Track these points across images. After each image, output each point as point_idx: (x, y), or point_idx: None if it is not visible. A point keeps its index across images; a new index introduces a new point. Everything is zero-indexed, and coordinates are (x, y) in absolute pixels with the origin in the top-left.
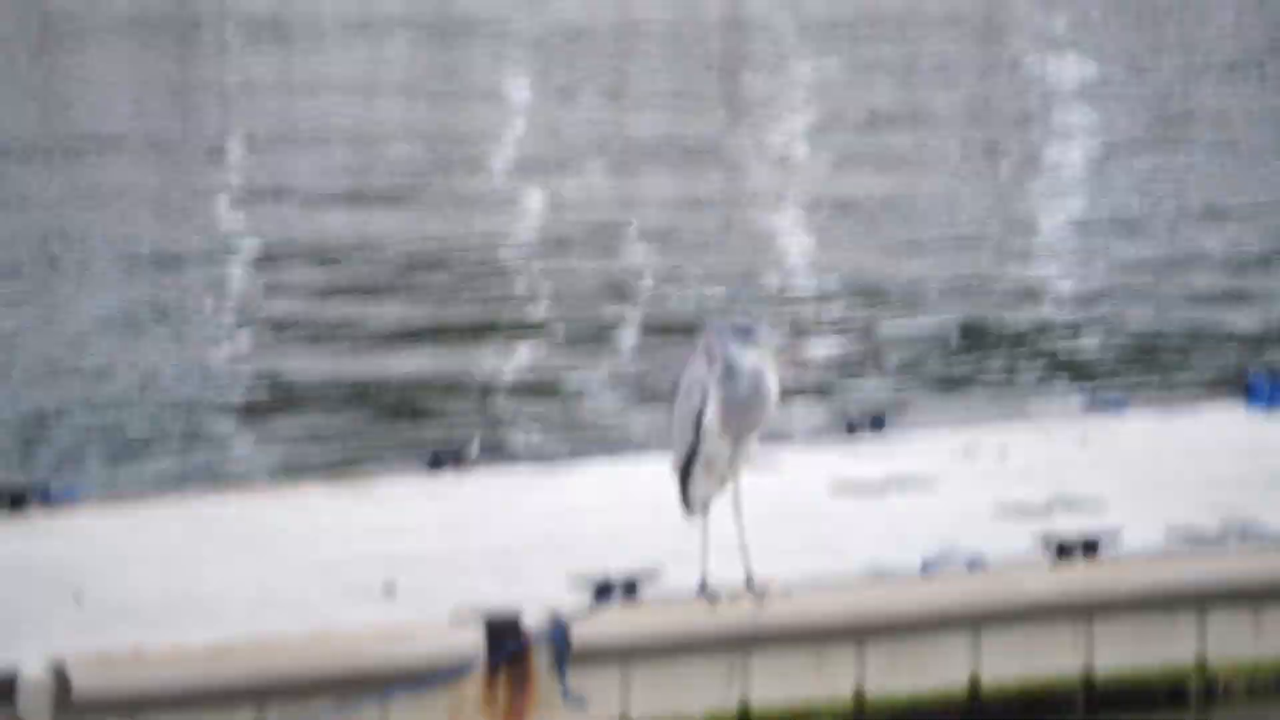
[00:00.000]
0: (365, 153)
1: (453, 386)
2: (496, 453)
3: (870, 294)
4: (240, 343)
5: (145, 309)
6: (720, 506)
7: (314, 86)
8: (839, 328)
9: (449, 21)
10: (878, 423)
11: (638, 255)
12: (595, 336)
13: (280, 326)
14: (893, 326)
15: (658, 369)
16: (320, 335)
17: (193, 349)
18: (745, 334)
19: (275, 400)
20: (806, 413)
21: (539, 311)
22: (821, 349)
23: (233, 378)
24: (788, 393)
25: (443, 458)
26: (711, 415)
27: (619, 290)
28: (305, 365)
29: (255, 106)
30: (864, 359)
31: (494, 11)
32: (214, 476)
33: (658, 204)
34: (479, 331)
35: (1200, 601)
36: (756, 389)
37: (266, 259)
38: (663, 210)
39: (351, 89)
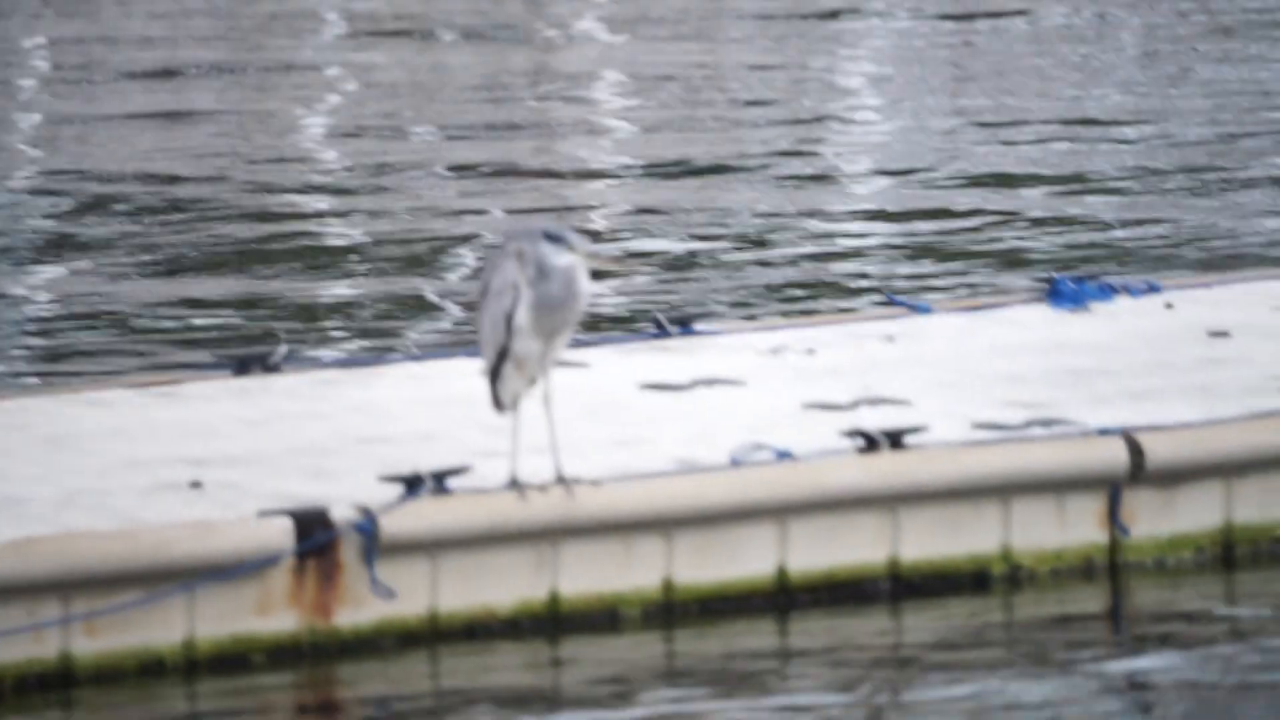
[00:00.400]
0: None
1: (257, 300)
2: (304, 360)
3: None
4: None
5: None
6: (530, 405)
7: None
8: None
9: None
10: (686, 324)
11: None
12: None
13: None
14: (698, 224)
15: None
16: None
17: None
18: (556, 238)
19: (82, 310)
20: (615, 314)
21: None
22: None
23: (41, 288)
24: (596, 296)
25: (249, 362)
26: (523, 315)
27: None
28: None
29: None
30: (672, 263)
31: None
32: (20, 379)
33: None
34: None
35: (1003, 491)
36: (569, 288)
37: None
38: (468, 103)
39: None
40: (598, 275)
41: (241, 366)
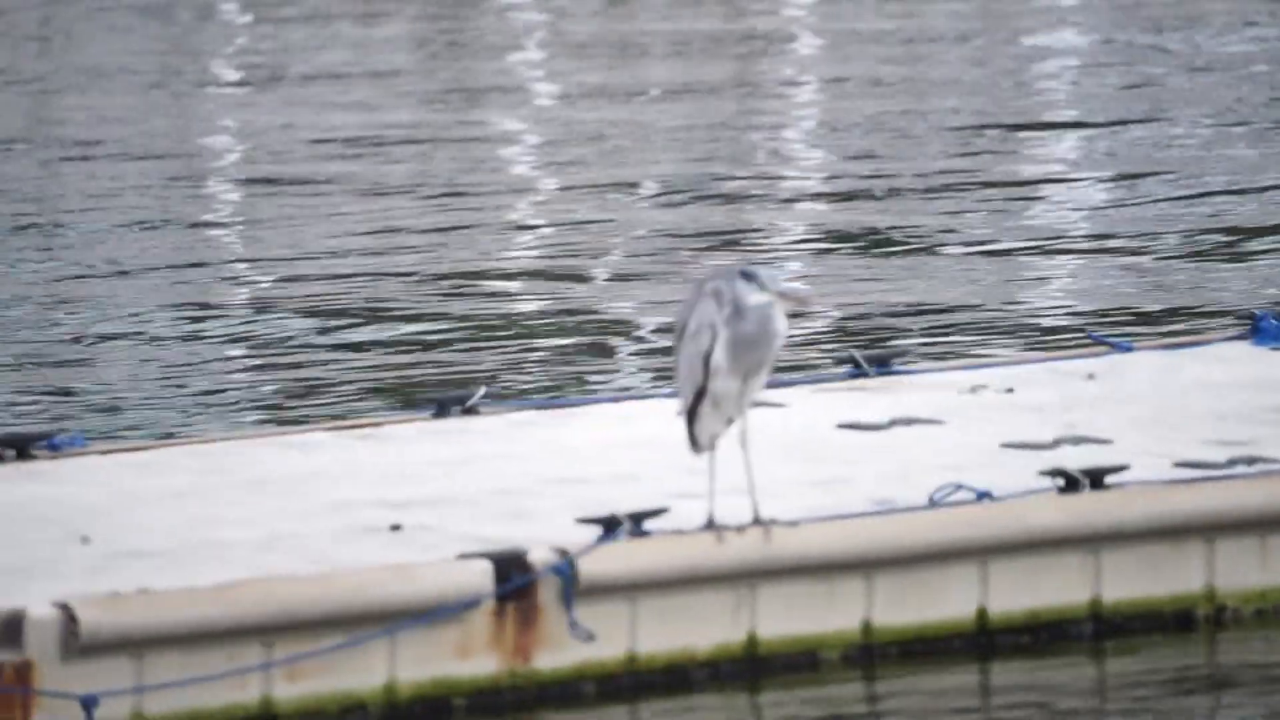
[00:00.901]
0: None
1: (458, 332)
2: (502, 399)
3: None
4: (244, 287)
5: (145, 254)
6: (727, 445)
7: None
8: (845, 269)
9: None
10: (883, 363)
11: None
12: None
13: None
14: (896, 268)
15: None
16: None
17: (195, 293)
18: (752, 276)
19: (280, 347)
20: (813, 354)
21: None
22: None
23: (238, 324)
24: (795, 334)
25: (447, 404)
26: (720, 355)
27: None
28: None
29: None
30: (870, 300)
31: None
32: (221, 423)
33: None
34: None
35: (1207, 530)
36: (764, 327)
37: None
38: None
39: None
40: (794, 315)
41: (440, 409)
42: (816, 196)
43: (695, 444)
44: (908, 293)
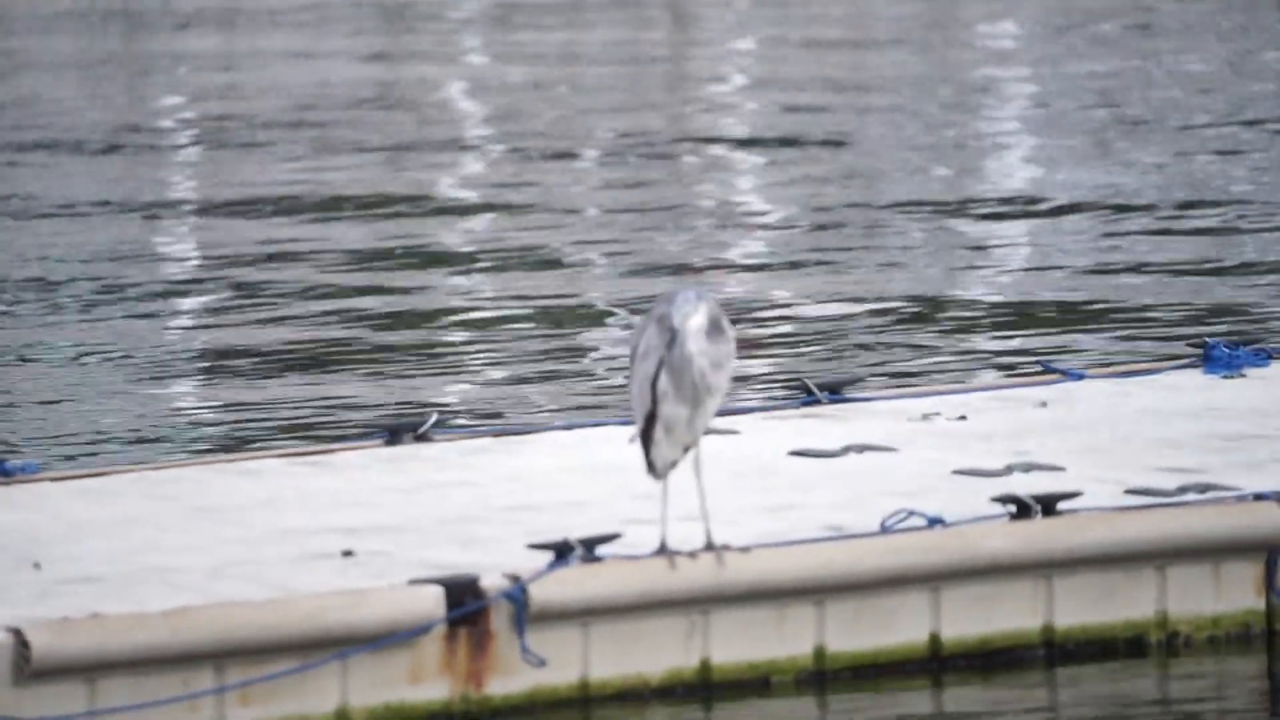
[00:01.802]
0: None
1: (410, 358)
2: (454, 428)
3: (826, 264)
4: (193, 313)
5: (93, 283)
6: (680, 471)
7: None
8: (794, 298)
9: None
10: (836, 390)
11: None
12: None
13: (235, 297)
14: (850, 294)
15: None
16: (275, 304)
17: (143, 320)
18: (690, 302)
19: (231, 371)
20: (765, 380)
21: (494, 280)
22: (777, 318)
23: (190, 351)
24: (745, 360)
25: (400, 431)
26: (665, 380)
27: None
28: (260, 336)
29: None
30: (822, 329)
31: None
32: (172, 451)
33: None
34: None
35: (1159, 557)
36: (705, 356)
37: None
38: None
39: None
40: (748, 348)
41: (392, 436)
42: (769, 222)
43: (652, 469)
44: (861, 319)
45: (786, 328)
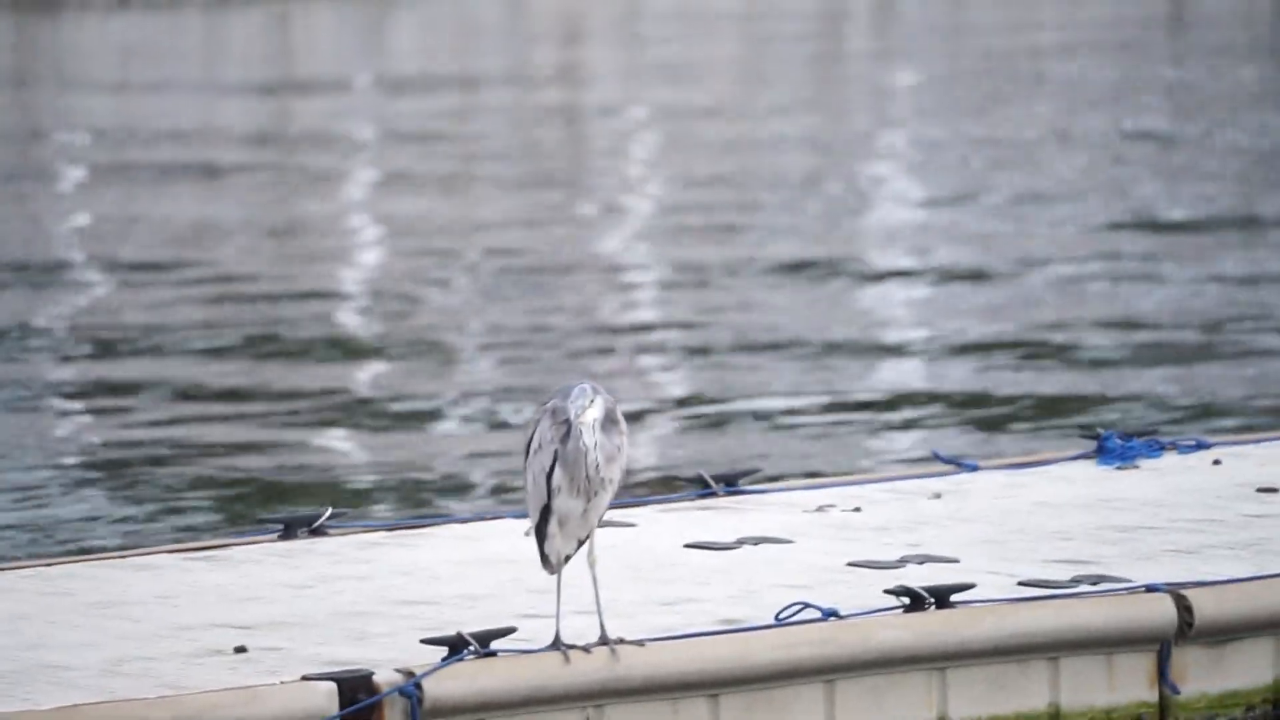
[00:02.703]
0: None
1: (303, 454)
2: (349, 522)
3: (720, 349)
4: (83, 409)
5: None
6: (576, 565)
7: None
8: (694, 380)
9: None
10: (731, 482)
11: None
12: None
13: (123, 388)
14: (744, 385)
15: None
16: (168, 397)
17: (34, 415)
18: (585, 395)
19: (123, 467)
20: (659, 472)
21: (383, 369)
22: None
23: (79, 444)
24: (638, 453)
25: (294, 525)
26: (559, 474)
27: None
28: (152, 430)
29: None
30: (718, 418)
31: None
32: (63, 544)
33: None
34: (326, 397)
35: (1052, 648)
36: (600, 449)
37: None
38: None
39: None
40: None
41: (286, 529)
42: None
43: (546, 563)
44: (754, 410)
45: (682, 418)
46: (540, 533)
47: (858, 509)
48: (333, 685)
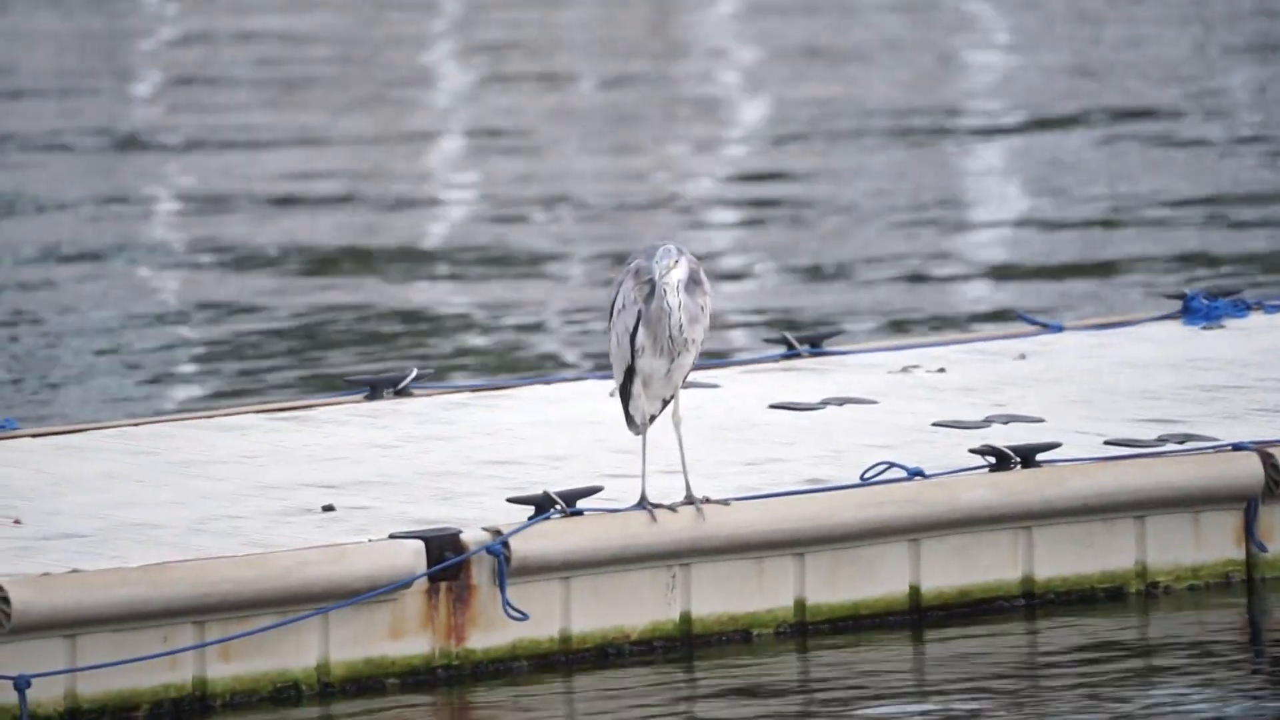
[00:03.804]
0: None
1: (389, 315)
2: (434, 383)
3: (805, 216)
4: (176, 271)
5: (76, 241)
6: (661, 425)
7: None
8: (775, 250)
9: None
10: (815, 343)
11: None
12: (531, 263)
13: (217, 254)
14: (829, 249)
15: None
16: (257, 263)
17: (126, 279)
18: (670, 255)
19: (212, 329)
20: (745, 334)
21: (472, 240)
22: (759, 270)
23: (169, 306)
24: (723, 314)
25: (380, 386)
26: (643, 334)
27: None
28: (242, 293)
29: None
30: (802, 282)
31: None
32: (152, 406)
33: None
34: (414, 260)
35: (1138, 507)
36: (684, 309)
37: (200, 192)
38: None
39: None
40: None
41: (372, 391)
42: (751, 177)
43: (631, 423)
44: (842, 272)
45: (768, 281)
46: (625, 393)
47: (942, 369)
48: (420, 543)
